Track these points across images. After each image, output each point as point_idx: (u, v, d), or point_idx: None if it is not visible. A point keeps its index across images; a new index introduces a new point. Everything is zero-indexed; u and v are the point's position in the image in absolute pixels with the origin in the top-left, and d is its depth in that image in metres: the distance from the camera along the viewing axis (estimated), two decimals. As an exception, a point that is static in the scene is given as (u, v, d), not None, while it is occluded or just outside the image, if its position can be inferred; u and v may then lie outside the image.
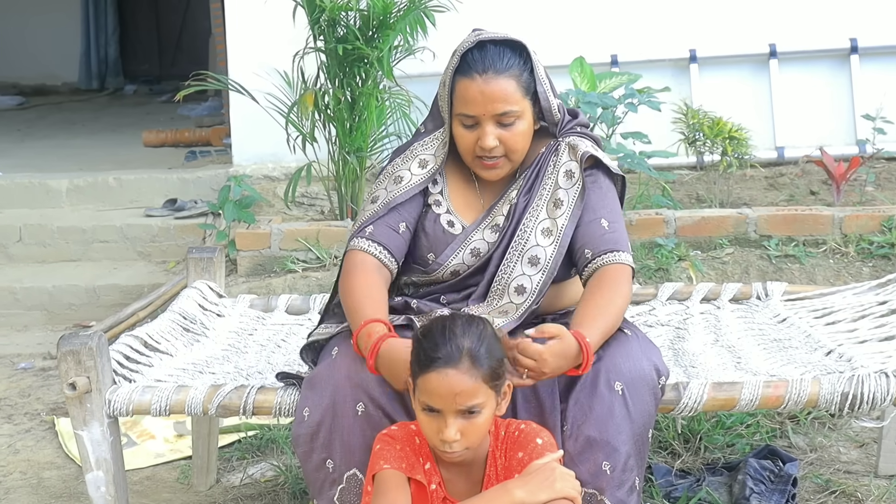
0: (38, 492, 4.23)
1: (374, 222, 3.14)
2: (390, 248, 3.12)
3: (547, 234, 3.09)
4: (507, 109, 3.01)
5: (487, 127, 3.03)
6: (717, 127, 6.32)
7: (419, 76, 6.55)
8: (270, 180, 7.10)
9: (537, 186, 3.14)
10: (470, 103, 3.02)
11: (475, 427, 2.60)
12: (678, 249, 5.61)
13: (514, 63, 3.03)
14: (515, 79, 3.02)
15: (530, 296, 3.09)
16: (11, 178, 7.66)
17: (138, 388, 3.12)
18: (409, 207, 3.17)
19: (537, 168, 3.16)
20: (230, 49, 7.34)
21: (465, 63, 3.03)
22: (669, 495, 3.79)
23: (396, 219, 3.15)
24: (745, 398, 3.02)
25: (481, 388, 2.58)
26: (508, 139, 3.05)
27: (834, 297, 3.91)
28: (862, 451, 4.19)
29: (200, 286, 4.01)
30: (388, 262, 3.12)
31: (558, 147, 3.17)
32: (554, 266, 3.09)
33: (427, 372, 2.58)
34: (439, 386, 2.57)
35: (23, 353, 5.89)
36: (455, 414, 2.58)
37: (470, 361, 2.57)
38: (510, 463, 2.71)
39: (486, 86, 2.99)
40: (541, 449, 2.70)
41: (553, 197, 3.12)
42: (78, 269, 6.74)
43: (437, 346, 2.59)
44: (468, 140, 3.07)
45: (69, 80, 14.05)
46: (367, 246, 3.11)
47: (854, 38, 7.25)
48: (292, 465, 4.14)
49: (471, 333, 2.61)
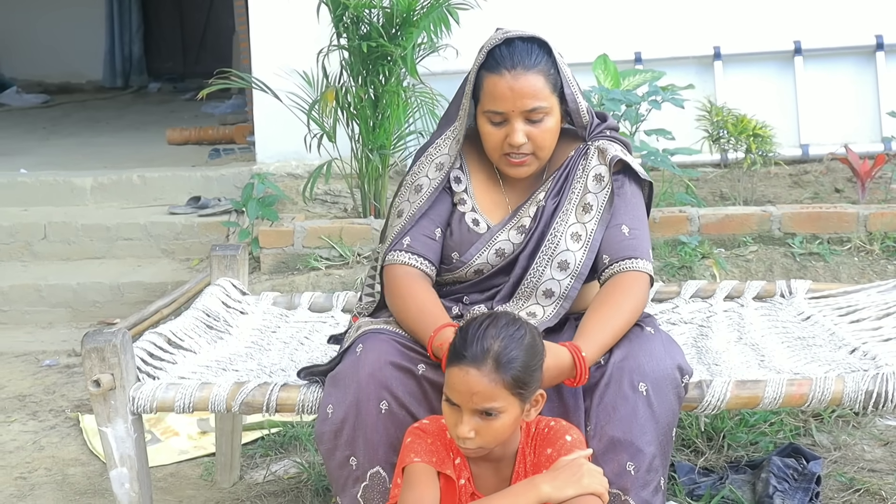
0: (63, 488, 4.25)
1: (408, 233, 3.12)
2: (429, 256, 3.11)
3: (576, 239, 3.08)
4: (536, 105, 3.00)
5: (516, 123, 3.01)
6: (742, 124, 6.31)
7: (443, 73, 6.56)
8: (294, 178, 7.11)
9: (567, 190, 3.13)
10: (499, 99, 3.01)
11: (491, 429, 2.60)
12: (702, 247, 5.60)
13: (542, 59, 3.02)
14: (544, 75, 3.01)
15: (558, 300, 3.08)
16: (36, 176, 7.70)
17: (162, 385, 3.13)
18: (438, 210, 3.16)
19: (566, 171, 3.15)
20: (254, 47, 7.36)
21: (493, 59, 3.02)
22: (692, 493, 3.79)
23: (430, 225, 3.14)
24: (768, 396, 3.02)
25: (501, 393, 2.57)
26: (537, 136, 3.04)
27: (858, 296, 3.89)
28: (886, 449, 4.18)
29: (224, 284, 4.02)
30: (430, 271, 3.11)
31: (588, 150, 3.16)
32: (583, 271, 3.08)
33: (452, 366, 2.60)
34: (458, 382, 2.58)
35: (47, 350, 5.92)
36: (472, 412, 2.58)
37: (494, 365, 2.56)
38: (539, 459, 2.72)
39: (515, 82, 2.98)
40: (569, 446, 2.70)
41: (582, 201, 3.11)
42: (102, 266, 6.77)
43: (466, 342, 2.59)
44: (496, 137, 3.06)
45: (94, 78, 14.10)
46: (407, 259, 3.09)
47: (880, 35, 7.22)
48: (315, 462, 4.15)
49: (506, 337, 2.60)
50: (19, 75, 13.76)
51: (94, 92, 13.70)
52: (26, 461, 4.52)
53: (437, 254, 3.14)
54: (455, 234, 3.15)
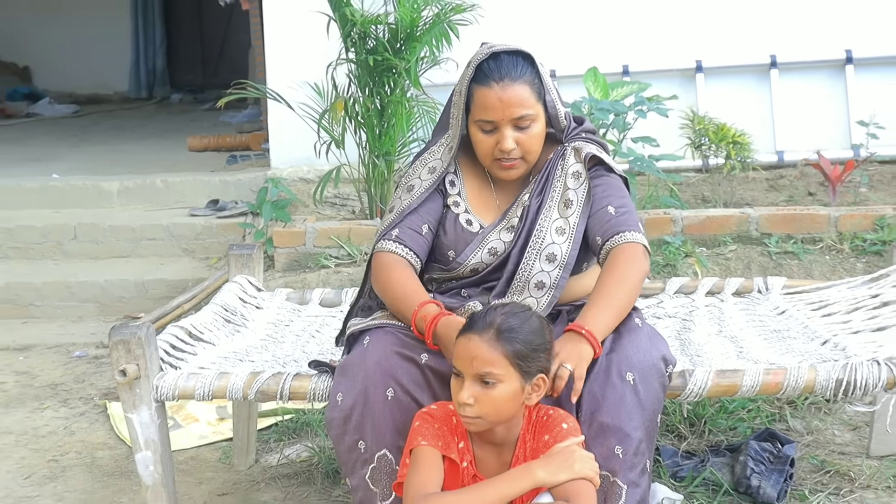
0: (92, 470, 4.26)
1: (397, 225, 3.15)
2: (414, 248, 3.14)
3: (561, 233, 3.10)
4: (523, 113, 3.02)
5: (506, 131, 3.03)
6: (722, 132, 6.32)
7: (444, 85, 6.55)
8: (305, 182, 7.11)
9: (548, 189, 3.14)
10: (489, 109, 3.02)
11: (489, 398, 2.60)
12: (685, 246, 5.60)
13: (527, 71, 3.03)
14: (529, 85, 3.03)
15: (549, 290, 3.10)
16: (67, 181, 7.70)
17: (183, 374, 3.13)
18: (428, 209, 3.18)
19: (547, 172, 3.16)
20: (268, 60, 7.36)
21: (482, 72, 3.03)
22: (676, 475, 3.79)
23: (418, 221, 3.16)
24: (746, 385, 3.02)
25: (500, 360, 2.58)
26: (525, 141, 3.05)
27: (830, 291, 3.90)
28: (855, 433, 4.18)
29: (241, 280, 4.03)
30: (413, 261, 3.14)
31: (565, 152, 3.18)
32: (570, 262, 3.09)
33: (459, 337, 2.64)
34: (462, 349, 2.62)
35: (77, 342, 5.92)
36: (472, 378, 2.60)
37: (495, 334, 2.59)
38: (537, 445, 2.72)
39: (503, 92, 3.00)
40: (566, 433, 2.70)
41: (563, 198, 3.13)
42: (128, 264, 6.77)
43: (475, 318, 2.65)
44: (488, 144, 3.07)
45: (120, 89, 14.15)
46: (393, 247, 3.13)
47: (849, 49, 7.22)
48: (326, 446, 4.15)
49: (511, 315, 2.64)
50: (52, 87, 13.80)
51: (121, 102, 13.74)
52: (58, 445, 4.53)
53: (423, 248, 3.17)
54: (450, 234, 3.17)
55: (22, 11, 13.94)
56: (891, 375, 2.99)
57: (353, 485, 2.92)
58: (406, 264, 3.12)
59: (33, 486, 4.14)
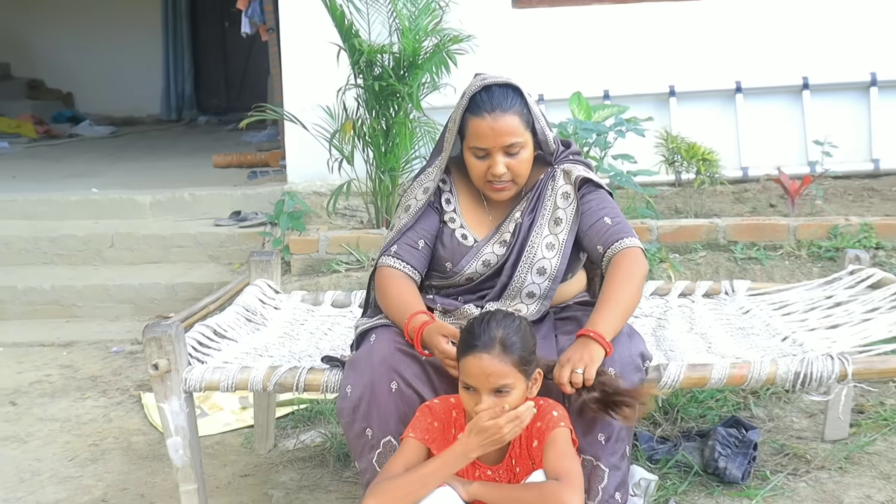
0: (128, 454, 4.25)
1: (396, 242, 3.15)
2: (411, 262, 3.14)
3: (550, 248, 3.10)
4: (513, 141, 3.01)
5: (497, 157, 3.03)
6: (692, 150, 6.32)
7: (443, 108, 6.52)
8: (318, 195, 7.10)
9: (539, 207, 3.14)
10: (482, 137, 3.01)
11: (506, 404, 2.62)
12: (660, 253, 5.59)
13: (517, 102, 3.03)
14: (518, 115, 3.02)
15: (539, 299, 3.11)
16: (105, 194, 7.69)
17: (209, 368, 3.13)
18: (424, 225, 3.17)
19: (538, 192, 3.16)
20: (285, 86, 7.36)
21: (475, 104, 3.02)
22: (651, 458, 3.79)
23: (414, 237, 3.16)
24: (714, 377, 3.02)
25: (511, 371, 2.59)
26: (515, 166, 3.05)
27: (789, 293, 3.90)
28: (811, 420, 4.18)
29: (260, 284, 4.03)
30: (411, 273, 3.13)
31: (555, 173, 3.17)
32: (559, 274, 3.10)
33: (466, 356, 2.62)
34: (475, 368, 2.60)
35: (115, 339, 5.92)
36: (489, 392, 2.59)
37: (502, 348, 2.59)
38: (530, 432, 2.72)
39: (495, 122, 2.99)
40: (556, 420, 2.70)
41: (553, 216, 3.12)
42: (159, 269, 6.76)
43: (475, 335, 2.63)
44: (480, 168, 3.07)
45: (152, 112, 14.16)
46: (392, 262, 3.13)
47: (806, 76, 7.24)
48: (337, 433, 4.14)
49: (506, 326, 2.63)
50: (91, 110, 13.81)
51: (153, 124, 13.73)
52: (98, 431, 4.52)
53: (421, 261, 3.16)
54: (447, 247, 3.16)
55: (65, 44, 14.02)
56: (843, 368, 3.00)
57: (362, 467, 2.92)
58: (404, 276, 3.11)
59: (76, 467, 4.14)
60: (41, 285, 6.50)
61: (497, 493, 2.65)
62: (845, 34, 7.24)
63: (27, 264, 6.96)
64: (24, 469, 4.14)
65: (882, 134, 7.25)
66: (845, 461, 3.75)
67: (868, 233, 5.62)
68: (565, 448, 2.67)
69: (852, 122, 7.28)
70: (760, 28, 7.27)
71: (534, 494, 2.56)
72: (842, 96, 7.30)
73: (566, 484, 2.54)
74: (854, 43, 7.24)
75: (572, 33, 7.30)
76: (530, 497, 2.56)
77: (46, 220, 7.40)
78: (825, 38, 7.25)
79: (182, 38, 14.27)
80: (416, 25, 6.03)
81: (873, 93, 7.25)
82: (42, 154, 10.82)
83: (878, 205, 6.51)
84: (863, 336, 3.27)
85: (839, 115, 7.24)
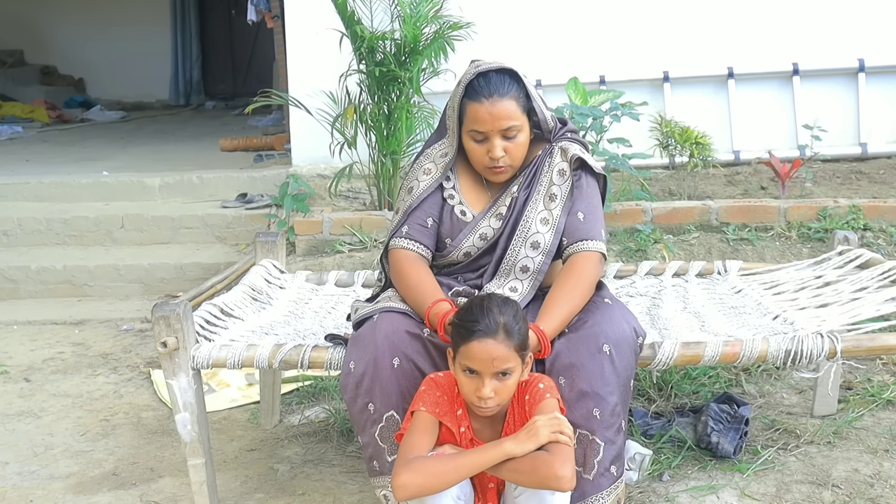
0: (138, 428, 4.25)
1: (405, 223, 3.14)
2: (423, 240, 3.13)
3: (545, 223, 3.09)
4: (510, 125, 3.00)
5: (495, 140, 3.02)
6: (686, 134, 6.30)
7: (443, 93, 6.51)
8: (322, 178, 7.08)
9: (535, 183, 3.13)
10: (480, 122, 3.00)
11: (506, 387, 2.62)
12: (654, 234, 5.58)
13: (513, 87, 3.01)
14: (515, 99, 3.01)
15: (533, 274, 3.09)
16: (116, 177, 7.68)
17: (216, 346, 3.13)
18: (430, 204, 3.16)
19: (535, 168, 3.14)
20: (290, 71, 7.32)
21: (473, 89, 3.01)
22: (646, 433, 3.79)
23: (422, 216, 3.14)
24: (707, 354, 3.02)
25: (512, 355, 2.58)
26: (512, 149, 3.04)
27: (779, 273, 3.89)
28: (801, 396, 4.18)
29: (266, 264, 4.02)
30: (425, 253, 3.12)
31: (552, 150, 3.16)
32: (552, 249, 3.09)
33: (469, 341, 2.59)
34: (480, 352, 2.57)
35: (125, 317, 5.91)
36: (491, 376, 2.58)
37: (505, 333, 2.57)
38: (521, 404, 2.72)
39: (492, 107, 2.98)
40: (542, 392, 2.70)
41: (549, 192, 3.11)
42: (168, 250, 6.75)
43: (476, 320, 2.59)
44: (479, 152, 3.06)
45: (161, 97, 14.17)
46: (405, 244, 3.12)
47: (796, 62, 7.20)
48: (340, 408, 4.14)
49: (506, 311, 2.61)
50: (102, 96, 13.84)
51: (162, 109, 13.74)
52: (109, 406, 4.52)
53: (431, 238, 3.15)
54: (447, 224, 3.16)
55: (77, 31, 14.04)
56: (832, 346, 3.00)
57: (365, 441, 2.92)
58: (419, 258, 3.11)
59: (88, 441, 4.14)
60: (54, 265, 6.49)
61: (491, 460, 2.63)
62: (834, 21, 7.21)
63: (40, 245, 6.95)
64: (38, 443, 4.14)
65: (869, 119, 7.23)
66: (834, 436, 3.75)
67: (856, 214, 5.61)
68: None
69: (841, 107, 7.25)
70: (752, 15, 7.24)
71: (525, 463, 2.54)
72: (831, 82, 7.27)
73: (556, 454, 2.53)
74: (843, 30, 7.21)
75: (569, 20, 7.26)
76: (523, 466, 2.54)
77: (59, 202, 7.41)
78: (815, 26, 7.22)
79: (190, 25, 14.27)
80: (416, 12, 6.01)
81: (861, 79, 7.22)
82: (54, 138, 10.82)
83: (865, 187, 6.49)
84: (851, 315, 3.27)
85: (828, 100, 7.22)
